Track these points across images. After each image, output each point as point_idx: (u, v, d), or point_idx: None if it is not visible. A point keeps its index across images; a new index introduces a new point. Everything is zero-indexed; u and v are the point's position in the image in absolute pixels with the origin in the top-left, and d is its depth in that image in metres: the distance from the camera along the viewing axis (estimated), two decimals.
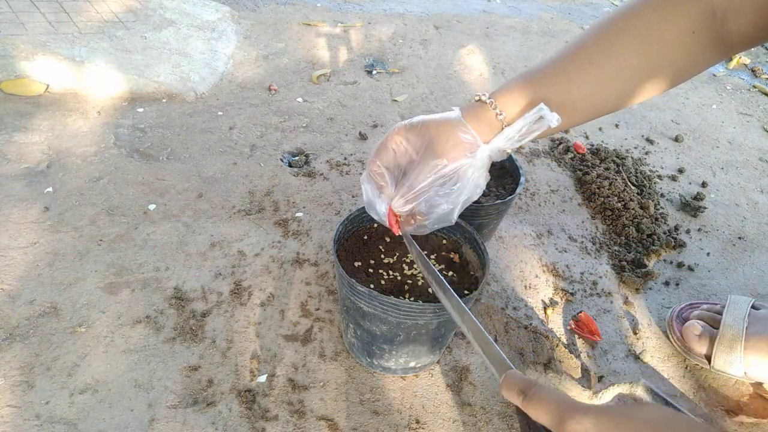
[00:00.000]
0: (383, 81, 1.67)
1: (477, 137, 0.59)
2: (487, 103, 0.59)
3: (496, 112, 0.59)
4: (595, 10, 2.66)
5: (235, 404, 0.76)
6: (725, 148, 1.65)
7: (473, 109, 0.60)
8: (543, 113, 0.56)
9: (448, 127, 0.59)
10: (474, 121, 0.59)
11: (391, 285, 0.77)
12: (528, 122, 0.57)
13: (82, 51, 1.41)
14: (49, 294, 0.86)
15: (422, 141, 0.60)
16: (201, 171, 1.18)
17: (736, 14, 0.52)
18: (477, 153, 0.59)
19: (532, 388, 0.40)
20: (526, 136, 0.58)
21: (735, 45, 0.55)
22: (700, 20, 0.54)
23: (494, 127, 0.60)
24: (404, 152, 0.62)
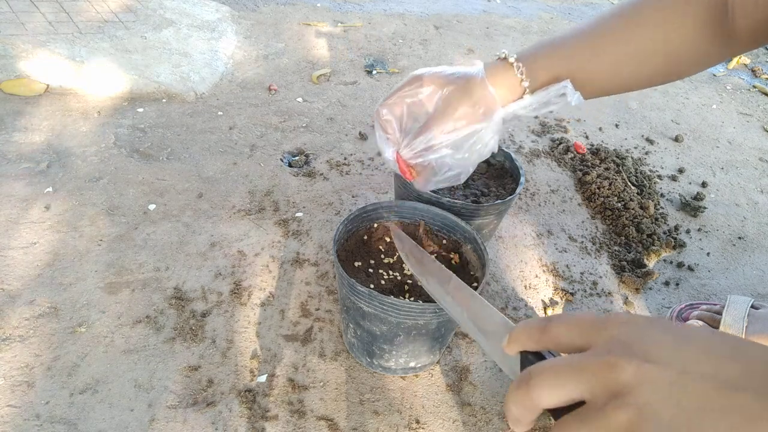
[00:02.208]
0: (383, 81, 1.67)
1: (496, 100, 0.58)
2: (513, 65, 0.58)
3: (521, 78, 0.58)
4: (595, 9, 2.66)
5: (235, 404, 0.76)
6: (725, 148, 1.65)
7: (497, 69, 0.59)
8: (566, 91, 0.55)
9: (469, 85, 0.57)
10: (497, 82, 0.58)
11: (391, 285, 0.77)
12: (550, 96, 0.56)
13: (82, 51, 1.41)
14: (49, 294, 0.86)
15: (439, 94, 0.59)
16: (201, 171, 1.18)
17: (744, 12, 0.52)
18: (494, 116, 0.58)
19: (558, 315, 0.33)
20: (544, 107, 0.57)
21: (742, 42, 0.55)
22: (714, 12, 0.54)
23: (515, 92, 0.59)
24: (419, 103, 0.60)
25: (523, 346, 0.33)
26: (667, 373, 0.25)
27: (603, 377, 0.26)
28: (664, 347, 0.26)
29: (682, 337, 0.27)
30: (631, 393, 0.25)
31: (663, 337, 0.27)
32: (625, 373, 0.26)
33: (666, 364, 0.26)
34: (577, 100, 0.55)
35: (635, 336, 0.27)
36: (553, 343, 0.31)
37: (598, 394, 0.26)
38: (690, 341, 0.27)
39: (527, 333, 0.33)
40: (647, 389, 0.25)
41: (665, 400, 0.25)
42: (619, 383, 0.26)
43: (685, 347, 0.26)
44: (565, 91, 0.56)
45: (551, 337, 0.31)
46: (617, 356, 0.26)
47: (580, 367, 0.27)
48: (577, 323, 0.30)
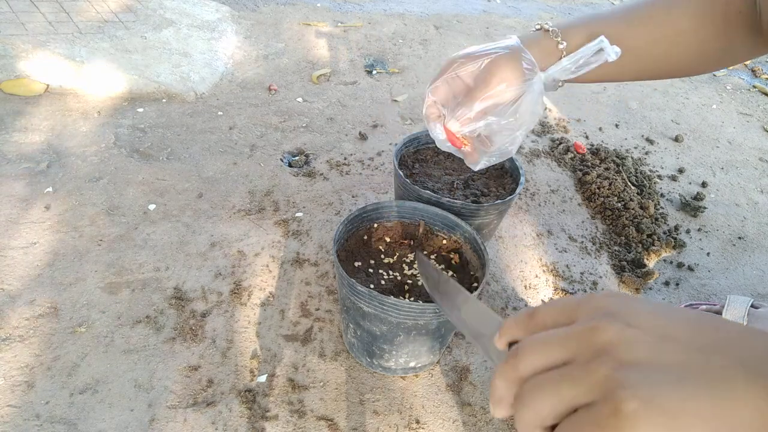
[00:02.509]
0: (383, 81, 1.67)
1: (535, 64, 0.58)
2: (549, 31, 0.59)
3: (557, 41, 0.58)
4: (595, 10, 2.66)
5: (235, 404, 0.76)
6: (725, 148, 1.65)
7: (533, 37, 0.60)
8: (603, 45, 0.55)
9: (506, 53, 0.58)
10: (533, 48, 0.59)
11: (391, 285, 0.77)
12: (587, 53, 0.56)
13: (82, 51, 1.41)
14: (49, 294, 0.86)
15: (477, 68, 0.59)
16: (201, 171, 1.18)
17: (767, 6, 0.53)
18: (534, 80, 0.59)
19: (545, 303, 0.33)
20: (583, 67, 0.57)
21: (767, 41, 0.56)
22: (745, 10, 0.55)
23: (553, 56, 0.59)
24: (459, 83, 0.61)
25: (513, 336, 0.34)
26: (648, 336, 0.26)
27: (586, 339, 0.27)
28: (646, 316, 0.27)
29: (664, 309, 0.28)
30: (613, 351, 0.26)
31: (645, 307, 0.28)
32: (607, 334, 0.26)
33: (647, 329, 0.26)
34: (615, 54, 0.55)
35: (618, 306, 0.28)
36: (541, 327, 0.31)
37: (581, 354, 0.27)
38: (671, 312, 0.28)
39: (515, 322, 0.33)
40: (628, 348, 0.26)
41: (645, 357, 0.25)
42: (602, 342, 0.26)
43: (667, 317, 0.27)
44: (601, 45, 0.55)
45: (538, 321, 0.32)
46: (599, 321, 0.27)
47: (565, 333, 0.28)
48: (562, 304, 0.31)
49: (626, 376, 0.24)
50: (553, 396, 0.26)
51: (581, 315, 0.29)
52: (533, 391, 0.27)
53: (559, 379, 0.27)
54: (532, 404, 0.27)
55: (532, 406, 0.27)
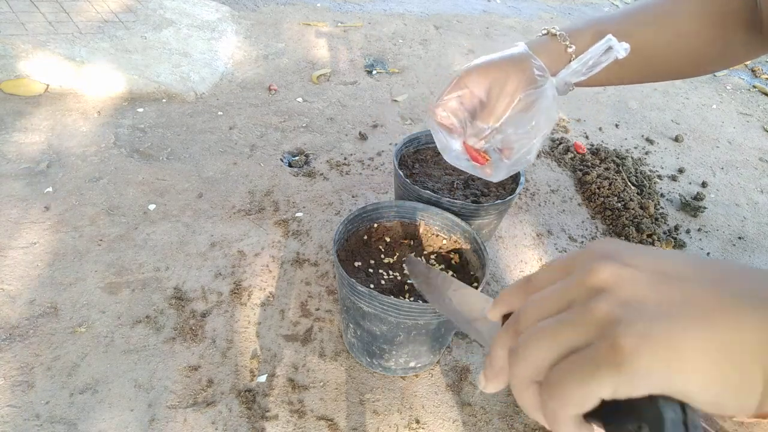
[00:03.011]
0: (383, 81, 1.67)
1: (546, 69, 0.58)
2: (557, 35, 0.59)
3: (566, 45, 0.59)
4: (595, 10, 2.66)
5: (235, 404, 0.76)
6: (725, 148, 1.64)
7: (540, 43, 0.60)
8: (611, 43, 0.55)
9: (515, 62, 0.58)
10: (542, 54, 0.59)
11: (391, 285, 0.77)
12: (596, 53, 0.56)
13: (82, 51, 1.41)
14: (49, 294, 0.86)
15: (488, 81, 0.59)
16: (201, 171, 1.18)
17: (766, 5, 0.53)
18: (546, 86, 0.59)
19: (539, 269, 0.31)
20: (593, 68, 0.57)
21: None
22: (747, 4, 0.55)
23: (562, 60, 0.59)
24: (471, 96, 0.61)
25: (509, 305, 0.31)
26: (646, 273, 0.25)
27: (582, 283, 0.26)
28: (644, 256, 0.26)
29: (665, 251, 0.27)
30: (611, 289, 0.25)
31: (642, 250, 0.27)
32: (605, 274, 0.25)
33: (646, 268, 0.25)
34: (624, 51, 0.55)
35: (615, 248, 0.27)
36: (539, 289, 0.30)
37: (579, 298, 0.26)
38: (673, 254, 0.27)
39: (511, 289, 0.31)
40: (626, 285, 0.25)
41: (644, 294, 0.24)
42: (600, 282, 0.25)
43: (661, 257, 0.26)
44: (610, 44, 0.55)
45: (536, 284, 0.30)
46: (596, 263, 0.26)
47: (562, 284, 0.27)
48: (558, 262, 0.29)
49: (624, 313, 0.23)
50: (550, 342, 0.25)
51: (579, 265, 0.28)
52: (529, 340, 0.26)
53: (555, 323, 0.25)
54: (527, 354, 0.26)
55: (527, 355, 0.25)
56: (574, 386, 0.23)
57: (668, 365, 0.22)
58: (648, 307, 0.23)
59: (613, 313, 0.23)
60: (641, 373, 0.22)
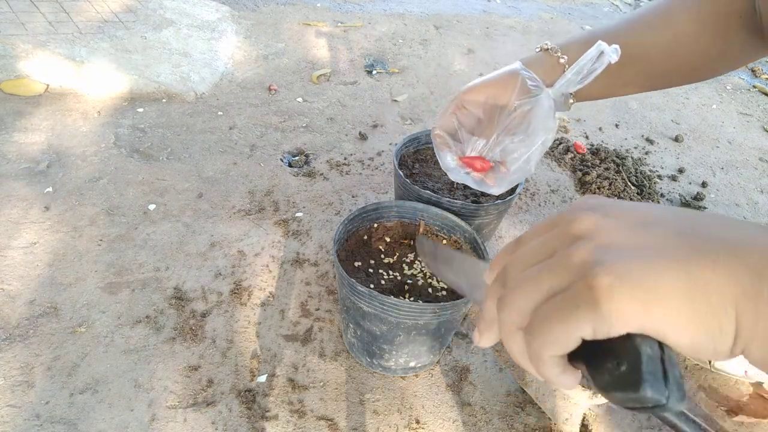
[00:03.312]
0: (383, 81, 1.67)
1: (540, 81, 0.59)
2: (550, 49, 0.60)
3: (558, 56, 0.59)
4: (595, 10, 2.66)
5: (235, 404, 0.76)
6: (725, 148, 1.64)
7: (535, 58, 0.61)
8: (602, 48, 0.56)
9: (509, 77, 0.60)
10: (535, 67, 0.60)
11: (391, 285, 0.77)
12: (588, 60, 0.57)
13: (82, 51, 1.41)
14: (49, 294, 0.86)
15: (484, 97, 0.60)
16: (201, 171, 1.18)
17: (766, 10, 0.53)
18: (541, 95, 0.60)
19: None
20: (588, 76, 0.58)
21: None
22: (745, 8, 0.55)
23: (556, 71, 0.60)
24: (468, 115, 0.62)
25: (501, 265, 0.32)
26: (625, 221, 0.26)
27: (564, 232, 0.27)
28: (623, 208, 0.27)
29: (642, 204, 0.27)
30: (591, 236, 0.25)
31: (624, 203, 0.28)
32: (585, 223, 0.26)
33: (626, 218, 0.26)
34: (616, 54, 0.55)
35: (596, 202, 0.28)
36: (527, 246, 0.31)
37: (560, 245, 0.26)
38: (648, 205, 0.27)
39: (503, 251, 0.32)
40: (605, 232, 0.25)
41: (623, 239, 0.25)
42: (580, 231, 0.26)
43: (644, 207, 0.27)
44: (601, 49, 0.56)
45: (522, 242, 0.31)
46: (578, 215, 0.27)
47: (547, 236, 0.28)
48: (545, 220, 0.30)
49: (602, 255, 0.24)
50: (532, 287, 0.26)
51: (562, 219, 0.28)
52: (514, 288, 0.27)
53: (538, 270, 0.26)
54: (512, 300, 0.26)
55: (512, 301, 0.26)
56: (555, 326, 0.24)
57: (644, 305, 0.22)
58: (625, 251, 0.24)
59: (591, 256, 0.24)
60: (618, 311, 0.22)
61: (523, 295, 0.26)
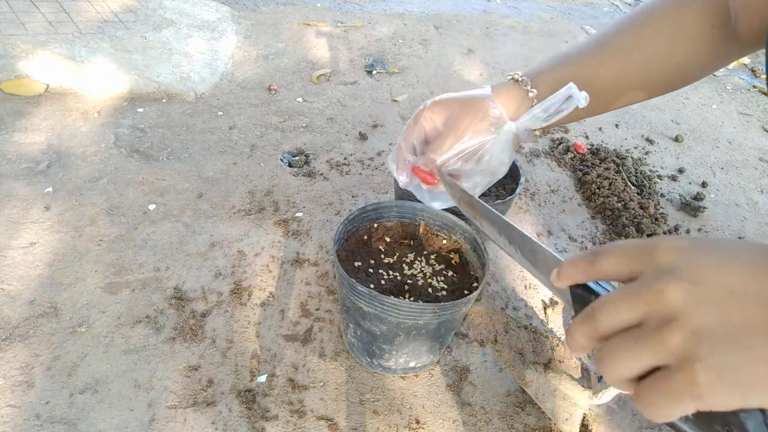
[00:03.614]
0: (383, 81, 1.67)
1: (503, 113, 0.59)
2: (519, 81, 0.59)
3: (527, 89, 0.59)
4: (595, 10, 2.66)
5: (235, 404, 0.76)
6: (725, 148, 1.65)
7: (505, 87, 0.61)
8: (572, 92, 0.56)
9: (475, 101, 0.59)
10: (504, 98, 0.59)
11: (391, 285, 0.77)
12: (556, 101, 0.57)
13: (82, 51, 1.41)
14: (49, 294, 0.86)
15: (449, 113, 0.60)
16: (201, 171, 1.18)
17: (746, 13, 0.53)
18: (503, 128, 0.59)
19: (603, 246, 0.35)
20: (554, 115, 0.58)
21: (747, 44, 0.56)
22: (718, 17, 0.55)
23: (524, 104, 0.60)
24: (433, 127, 0.62)
25: (573, 280, 0.35)
26: (713, 294, 0.27)
27: (656, 302, 0.28)
28: (709, 269, 0.28)
29: (725, 257, 0.29)
30: (683, 316, 0.27)
31: (707, 260, 0.29)
32: (676, 298, 0.27)
33: (712, 286, 0.27)
34: (585, 100, 0.56)
35: (680, 261, 0.29)
36: (602, 274, 0.33)
37: (653, 318, 0.28)
38: (733, 260, 0.28)
39: (575, 267, 0.35)
40: (697, 311, 0.27)
41: (715, 320, 0.26)
42: (671, 307, 0.27)
43: (729, 267, 0.28)
44: (570, 92, 0.56)
45: (599, 269, 0.33)
46: (666, 283, 0.28)
47: (634, 296, 0.30)
48: (623, 253, 0.32)
49: (699, 346, 0.26)
50: (632, 360, 0.28)
51: (644, 269, 0.30)
52: (613, 353, 0.29)
53: (635, 344, 0.28)
54: (613, 365, 0.29)
55: (614, 367, 0.29)
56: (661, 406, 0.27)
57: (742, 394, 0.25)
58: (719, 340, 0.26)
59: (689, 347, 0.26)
60: (719, 402, 0.25)
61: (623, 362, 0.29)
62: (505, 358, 0.82)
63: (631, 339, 0.29)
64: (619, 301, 0.30)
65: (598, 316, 0.31)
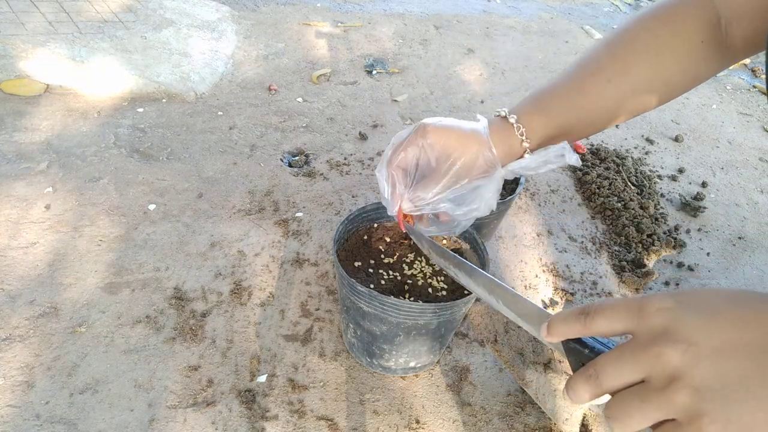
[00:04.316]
0: (383, 81, 1.67)
1: (498, 161, 0.59)
2: (513, 126, 0.60)
3: (522, 139, 0.59)
4: (595, 10, 2.66)
5: (235, 404, 0.76)
6: (725, 148, 1.65)
7: (499, 129, 0.60)
8: (565, 152, 0.57)
9: (472, 143, 0.59)
10: (498, 142, 0.59)
11: (391, 285, 0.77)
12: (549, 156, 0.59)
13: (82, 51, 1.41)
14: (49, 294, 0.86)
15: (443, 149, 0.59)
16: (201, 171, 1.18)
17: (740, 22, 0.53)
18: (495, 175, 0.60)
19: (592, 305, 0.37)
20: (543, 166, 0.59)
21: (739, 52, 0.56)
22: (707, 29, 0.55)
23: (515, 152, 0.60)
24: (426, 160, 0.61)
25: (565, 336, 0.38)
26: (707, 351, 0.30)
27: (656, 365, 0.31)
28: (698, 328, 0.31)
29: (711, 313, 0.32)
30: (685, 376, 0.30)
31: (694, 319, 0.32)
32: (674, 359, 0.31)
33: (704, 344, 0.30)
34: (575, 161, 0.58)
35: (670, 323, 0.32)
36: (595, 333, 0.36)
37: (656, 379, 0.31)
38: (718, 316, 0.31)
39: (566, 326, 0.37)
40: (696, 369, 0.30)
41: (714, 375, 0.29)
42: (672, 367, 0.31)
43: (716, 324, 0.31)
44: (563, 152, 0.58)
45: (591, 329, 0.36)
46: (662, 345, 0.31)
47: (635, 358, 0.33)
48: (614, 314, 0.35)
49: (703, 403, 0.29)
50: (641, 417, 0.32)
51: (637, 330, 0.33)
52: (624, 411, 0.32)
53: (642, 404, 0.31)
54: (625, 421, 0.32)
55: (626, 423, 0.32)
56: None
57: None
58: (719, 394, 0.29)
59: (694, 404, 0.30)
60: None
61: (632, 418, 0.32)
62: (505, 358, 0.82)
63: (637, 398, 0.32)
64: (621, 363, 0.33)
65: (602, 377, 0.34)
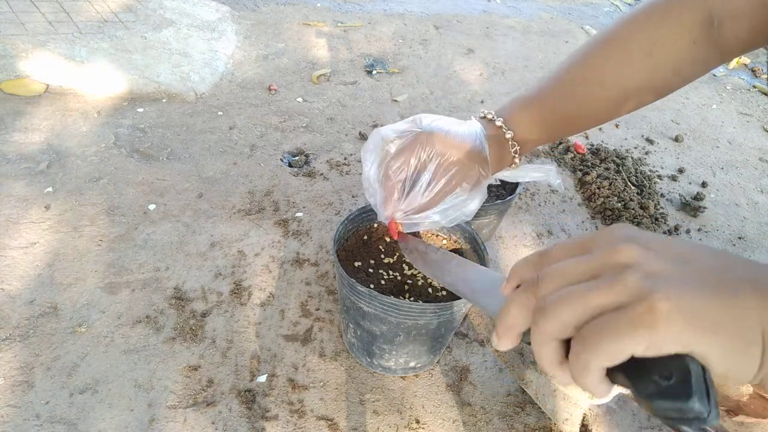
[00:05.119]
0: (383, 81, 1.67)
1: (492, 178, 0.61)
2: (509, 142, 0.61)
3: (514, 155, 0.61)
4: (595, 9, 2.66)
5: (235, 404, 0.76)
6: (725, 148, 1.65)
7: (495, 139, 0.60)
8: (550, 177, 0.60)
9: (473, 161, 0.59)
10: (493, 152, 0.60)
11: (391, 285, 0.77)
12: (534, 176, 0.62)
13: (82, 51, 1.41)
14: (49, 294, 0.86)
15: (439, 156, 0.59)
16: (201, 171, 1.18)
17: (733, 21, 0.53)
18: (482, 186, 0.61)
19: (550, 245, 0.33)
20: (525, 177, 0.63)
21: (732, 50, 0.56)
22: (700, 29, 0.55)
23: (505, 162, 0.62)
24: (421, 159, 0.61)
25: (524, 277, 0.33)
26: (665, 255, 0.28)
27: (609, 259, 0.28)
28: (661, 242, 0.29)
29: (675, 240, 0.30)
30: (638, 265, 0.27)
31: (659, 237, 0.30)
32: (630, 254, 0.28)
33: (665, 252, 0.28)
34: (558, 186, 0.61)
35: (633, 233, 0.30)
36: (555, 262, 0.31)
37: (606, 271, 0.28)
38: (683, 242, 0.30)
39: (525, 263, 0.33)
40: (652, 263, 0.27)
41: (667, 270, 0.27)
42: (625, 260, 0.28)
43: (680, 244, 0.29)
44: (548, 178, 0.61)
45: (552, 258, 0.32)
46: (620, 244, 0.29)
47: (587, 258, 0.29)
48: (576, 240, 0.32)
49: (655, 282, 0.26)
50: (579, 304, 0.27)
51: (598, 245, 0.30)
52: (557, 301, 0.28)
53: (586, 289, 0.27)
54: (555, 313, 0.28)
55: (556, 314, 0.28)
56: (611, 341, 0.26)
57: (696, 331, 0.25)
58: (675, 279, 0.26)
59: (646, 283, 0.26)
60: (675, 334, 0.25)
61: (569, 309, 0.28)
62: (505, 358, 0.82)
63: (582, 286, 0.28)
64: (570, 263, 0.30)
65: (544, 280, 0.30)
